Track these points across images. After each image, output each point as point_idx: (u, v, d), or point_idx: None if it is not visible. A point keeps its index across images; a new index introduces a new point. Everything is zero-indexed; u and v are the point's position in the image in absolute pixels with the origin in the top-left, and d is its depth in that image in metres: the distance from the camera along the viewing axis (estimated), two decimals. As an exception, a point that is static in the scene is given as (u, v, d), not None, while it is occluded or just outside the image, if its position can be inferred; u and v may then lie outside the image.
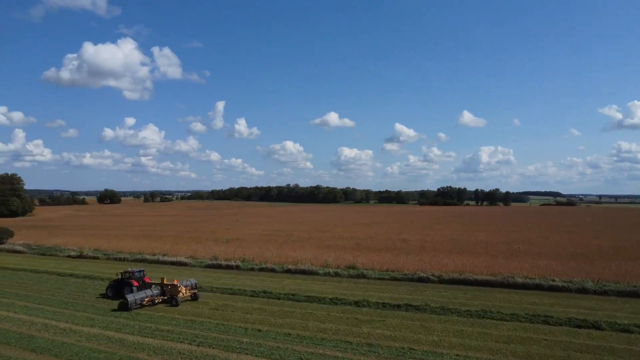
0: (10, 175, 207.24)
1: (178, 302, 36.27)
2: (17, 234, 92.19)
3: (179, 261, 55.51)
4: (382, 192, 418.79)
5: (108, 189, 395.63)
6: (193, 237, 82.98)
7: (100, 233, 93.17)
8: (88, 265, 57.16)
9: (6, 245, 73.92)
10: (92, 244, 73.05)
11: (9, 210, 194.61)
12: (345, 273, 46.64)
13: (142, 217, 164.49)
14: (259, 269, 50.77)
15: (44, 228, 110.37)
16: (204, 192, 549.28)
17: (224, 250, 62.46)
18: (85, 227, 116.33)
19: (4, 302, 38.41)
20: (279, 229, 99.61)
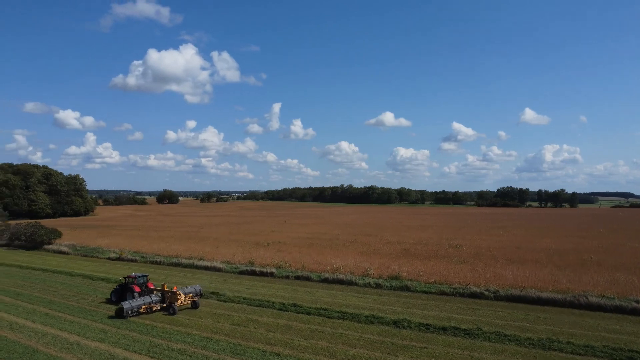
0: (73, 176, 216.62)
1: (175, 311, 34.19)
2: (68, 234, 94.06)
3: (214, 266, 52.82)
4: (439, 192, 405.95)
5: (167, 190, 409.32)
6: (235, 239, 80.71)
7: (146, 234, 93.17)
8: (123, 268, 55.65)
9: (53, 245, 74.68)
10: (134, 245, 72.35)
11: (72, 210, 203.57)
12: (387, 284, 41.84)
13: (193, 218, 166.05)
14: (294, 276, 46.97)
15: (95, 228, 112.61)
16: (258, 193, 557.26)
17: (262, 255, 59.30)
18: (137, 227, 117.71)
19: (28, 309, 36.89)
20: (324, 231, 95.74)
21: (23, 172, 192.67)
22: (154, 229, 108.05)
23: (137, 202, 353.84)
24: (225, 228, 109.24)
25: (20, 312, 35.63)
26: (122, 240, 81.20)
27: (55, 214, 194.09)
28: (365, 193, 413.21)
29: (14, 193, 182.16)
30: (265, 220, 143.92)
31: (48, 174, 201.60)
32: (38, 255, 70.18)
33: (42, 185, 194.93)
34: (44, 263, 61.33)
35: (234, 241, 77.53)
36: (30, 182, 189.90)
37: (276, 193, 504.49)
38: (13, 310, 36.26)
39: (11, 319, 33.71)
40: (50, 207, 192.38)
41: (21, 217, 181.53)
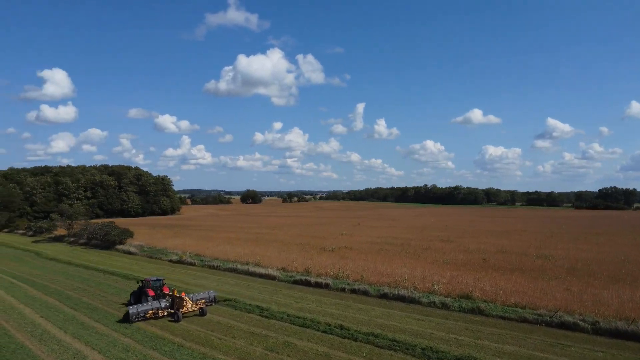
0: (162, 177, 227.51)
1: (179, 318, 33.41)
2: (143, 234, 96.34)
3: (268, 274, 49.24)
4: (531, 193, 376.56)
5: (250, 190, 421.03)
6: (301, 243, 77.13)
7: (216, 235, 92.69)
8: (179, 272, 54.04)
9: (124, 245, 75.88)
10: (200, 247, 71.32)
11: (160, 209, 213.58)
12: (456, 305, 35.39)
13: (270, 218, 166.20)
14: (350, 289, 41.89)
15: (172, 227, 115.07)
16: (339, 193, 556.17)
17: (322, 262, 54.87)
18: (212, 227, 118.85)
19: (68, 316, 35.47)
20: (397, 235, 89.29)
21: (117, 173, 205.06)
22: (226, 230, 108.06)
23: (222, 201, 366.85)
24: (297, 230, 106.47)
25: (59, 320, 34.13)
26: (191, 241, 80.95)
27: (144, 212, 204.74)
28: (450, 193, 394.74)
29: (108, 193, 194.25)
30: (339, 222, 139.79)
31: (139, 174, 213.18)
32: (108, 255, 71.43)
33: (134, 186, 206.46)
34: (108, 264, 61.70)
35: (299, 245, 73.96)
36: (123, 183, 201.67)
37: (358, 193, 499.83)
38: (53, 317, 34.95)
39: (46, 328, 32.18)
40: (140, 206, 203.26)
41: (114, 215, 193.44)
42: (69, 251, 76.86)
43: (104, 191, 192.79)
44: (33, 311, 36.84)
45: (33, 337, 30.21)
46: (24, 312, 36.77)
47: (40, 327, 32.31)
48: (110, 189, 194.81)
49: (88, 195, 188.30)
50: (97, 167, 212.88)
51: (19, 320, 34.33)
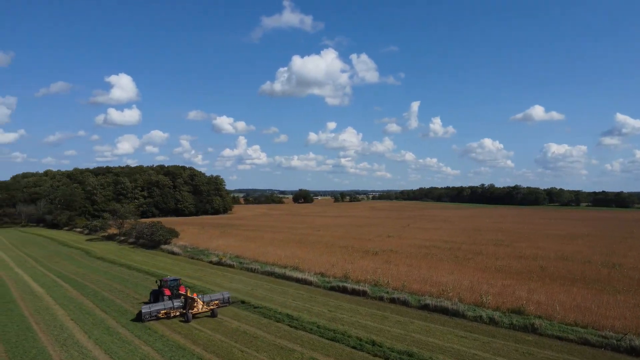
0: (214, 177, 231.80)
1: (189, 318, 33.72)
2: (190, 233, 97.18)
3: (305, 279, 47.03)
4: (598, 193, 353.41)
5: (302, 189, 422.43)
6: (344, 245, 74.53)
7: (261, 236, 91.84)
8: (216, 275, 53.00)
9: (169, 245, 76.33)
10: (242, 248, 70.39)
11: (212, 208, 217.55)
12: (506, 321, 31.58)
13: (319, 218, 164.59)
14: (389, 299, 38.87)
15: (220, 227, 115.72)
16: (392, 192, 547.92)
17: (363, 267, 52.09)
18: (259, 227, 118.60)
19: (98, 319, 34.95)
20: (447, 238, 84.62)
21: (172, 173, 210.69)
22: (273, 230, 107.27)
23: (275, 201, 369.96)
24: (343, 231, 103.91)
25: (87, 323, 33.51)
26: (235, 241, 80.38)
27: (197, 212, 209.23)
28: (509, 193, 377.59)
29: (163, 192, 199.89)
30: (387, 222, 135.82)
31: (193, 174, 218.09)
32: (152, 255, 71.99)
33: (187, 186, 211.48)
34: (150, 264, 61.88)
35: (342, 247, 71.41)
36: (177, 183, 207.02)
37: (411, 193, 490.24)
38: (82, 320, 34.42)
39: (72, 332, 31.59)
40: (193, 205, 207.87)
41: (169, 214, 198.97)
42: (117, 250, 78.34)
43: (160, 191, 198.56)
44: (65, 313, 36.56)
45: (57, 341, 29.56)
46: (56, 313, 36.56)
47: (67, 331, 31.74)
48: (165, 189, 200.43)
49: (144, 194, 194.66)
50: (154, 168, 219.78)
51: (50, 322, 34.02)
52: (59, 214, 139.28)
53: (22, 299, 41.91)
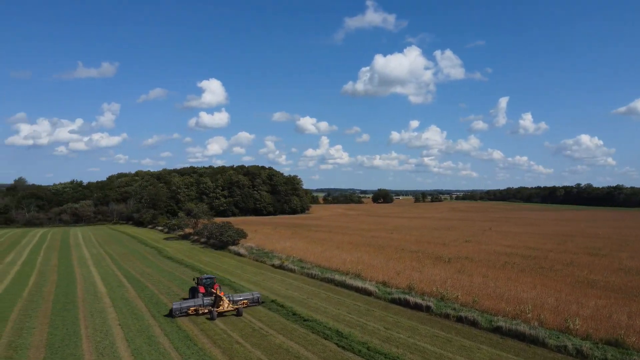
0: (292, 177, 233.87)
1: (214, 316, 35.17)
2: (261, 233, 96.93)
3: (365, 289, 43.35)
4: None
5: (382, 189, 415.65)
6: (415, 250, 69.60)
7: (330, 238, 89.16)
8: (274, 279, 50.89)
9: (236, 246, 76.00)
10: (308, 251, 68.07)
11: (290, 208, 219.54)
12: (598, 355, 25.75)
13: (395, 219, 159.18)
14: (455, 317, 34.14)
15: (292, 227, 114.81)
16: (477, 192, 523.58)
17: (431, 276, 47.36)
18: (331, 228, 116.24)
19: (143, 325, 33.79)
20: (533, 245, 76.22)
21: (251, 174, 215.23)
22: (344, 231, 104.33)
23: (354, 201, 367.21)
24: (417, 233, 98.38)
25: (133, 330, 32.51)
26: (303, 243, 78.39)
27: (275, 211, 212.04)
28: (609, 194, 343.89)
29: (243, 192, 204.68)
30: (467, 225, 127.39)
31: (271, 174, 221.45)
32: (220, 256, 71.91)
33: (266, 185, 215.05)
34: (214, 266, 61.47)
35: (413, 252, 66.61)
36: (256, 182, 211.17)
37: (498, 193, 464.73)
38: (130, 325, 33.53)
39: (115, 339, 30.63)
40: (271, 205, 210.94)
41: (248, 213, 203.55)
42: (187, 250, 79.52)
43: (240, 190, 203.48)
44: (116, 317, 36.02)
45: (96, 349, 28.62)
46: (108, 317, 36.14)
47: (110, 338, 30.84)
48: (245, 189, 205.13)
49: (225, 194, 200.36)
50: (234, 168, 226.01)
51: (98, 326, 33.47)
52: (145, 213, 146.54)
53: (83, 299, 42.39)
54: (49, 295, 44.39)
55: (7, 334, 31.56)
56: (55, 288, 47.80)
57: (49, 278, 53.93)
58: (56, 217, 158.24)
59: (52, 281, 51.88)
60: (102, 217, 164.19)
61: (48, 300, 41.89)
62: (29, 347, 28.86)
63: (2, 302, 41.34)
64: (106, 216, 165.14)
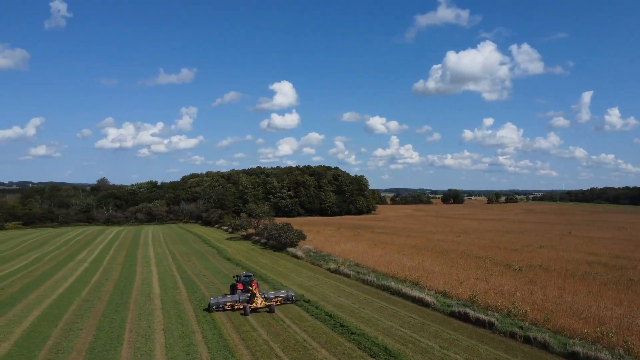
0: (358, 177, 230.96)
1: (247, 312, 36.69)
2: (322, 233, 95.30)
3: (422, 299, 39.96)
4: None
5: (452, 189, 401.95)
6: (483, 255, 64.58)
7: (393, 241, 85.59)
8: (327, 284, 48.66)
9: (294, 248, 74.69)
10: (367, 255, 65.33)
11: (356, 209, 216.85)
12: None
13: (465, 221, 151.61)
14: (522, 337, 30.02)
15: (355, 229, 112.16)
16: (557, 193, 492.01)
17: (499, 286, 43.01)
18: (396, 230, 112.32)
19: (186, 332, 32.89)
20: (620, 253, 67.85)
21: (317, 174, 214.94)
22: (408, 233, 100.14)
23: (422, 201, 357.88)
24: (487, 237, 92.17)
25: (175, 337, 31.57)
26: (362, 246, 75.70)
27: (341, 212, 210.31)
28: None
29: (308, 192, 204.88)
30: (544, 228, 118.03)
31: (337, 175, 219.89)
32: (277, 257, 70.93)
33: (332, 185, 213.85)
34: (269, 268, 60.44)
35: (480, 258, 61.79)
36: (322, 183, 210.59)
37: (580, 194, 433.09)
38: (173, 331, 32.71)
39: (154, 346, 29.85)
40: (337, 205, 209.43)
41: (313, 213, 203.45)
42: (247, 251, 79.44)
43: (305, 191, 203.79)
44: (162, 321, 35.45)
45: (134, 356, 27.85)
46: (154, 320, 35.64)
47: (150, 344, 30.08)
48: (310, 189, 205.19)
49: (291, 194, 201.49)
50: (300, 168, 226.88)
51: (142, 331, 32.91)
52: (212, 212, 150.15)
53: (135, 301, 42.53)
54: (105, 294, 45.10)
55: (54, 335, 31.76)
56: (113, 287, 48.66)
57: (110, 277, 55.29)
58: (132, 216, 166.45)
59: (112, 280, 53.06)
60: (174, 216, 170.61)
61: (103, 301, 42.42)
62: (70, 351, 28.65)
63: (61, 301, 42.41)
64: (177, 215, 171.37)
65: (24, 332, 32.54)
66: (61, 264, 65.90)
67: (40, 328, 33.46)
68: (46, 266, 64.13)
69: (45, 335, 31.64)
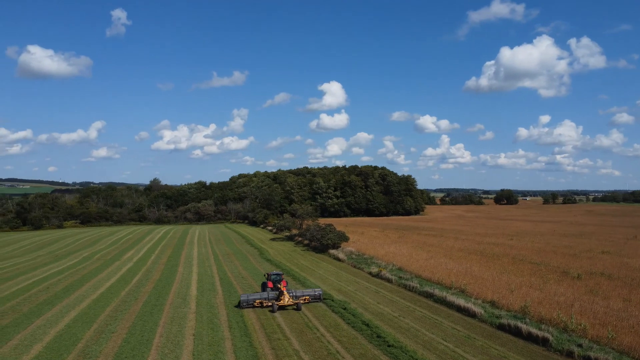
0: (405, 176, 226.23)
1: (275, 309, 37.77)
2: (368, 235, 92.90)
3: (467, 308, 36.98)
4: None
5: (505, 189, 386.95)
6: (537, 261, 60.14)
7: (440, 244, 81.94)
8: (367, 291, 46.35)
9: (336, 250, 72.75)
10: (411, 258, 62.51)
11: (403, 209, 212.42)
12: None
13: (518, 223, 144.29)
14: (582, 357, 26.74)
15: (401, 230, 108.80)
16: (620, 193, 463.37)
17: (554, 296, 39.33)
18: (443, 232, 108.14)
19: (215, 339, 31.74)
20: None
21: (364, 174, 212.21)
22: (457, 236, 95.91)
23: (473, 201, 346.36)
24: (542, 241, 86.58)
25: (205, 343, 30.46)
26: (407, 249, 72.75)
27: (388, 212, 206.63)
28: None
29: (355, 192, 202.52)
30: (606, 232, 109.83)
31: (384, 174, 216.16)
32: (318, 260, 69.22)
33: (379, 186, 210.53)
34: (309, 271, 58.80)
35: (534, 264, 57.54)
36: (369, 183, 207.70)
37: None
38: (202, 337, 31.60)
39: (181, 354, 28.84)
40: (384, 206, 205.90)
41: (360, 214, 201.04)
42: (288, 252, 78.31)
43: (352, 191, 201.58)
44: (193, 325, 34.47)
45: (158, 364, 26.97)
46: (186, 325, 34.65)
47: (178, 350, 29.09)
48: (357, 189, 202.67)
49: (337, 194, 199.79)
50: (347, 168, 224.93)
51: (172, 336, 31.96)
52: (258, 212, 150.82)
53: (171, 303, 42.00)
54: (143, 296, 44.92)
55: (86, 338, 31.41)
56: (152, 288, 48.52)
57: (151, 277, 55.47)
58: (181, 216, 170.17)
59: (152, 280, 53.13)
60: (221, 216, 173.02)
61: (140, 302, 42.17)
62: (98, 356, 28.07)
63: (100, 301, 42.52)
64: (225, 215, 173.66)
65: (58, 333, 32.42)
66: (108, 263, 67.17)
67: (74, 330, 33.30)
68: (93, 265, 65.52)
69: (77, 338, 31.36)
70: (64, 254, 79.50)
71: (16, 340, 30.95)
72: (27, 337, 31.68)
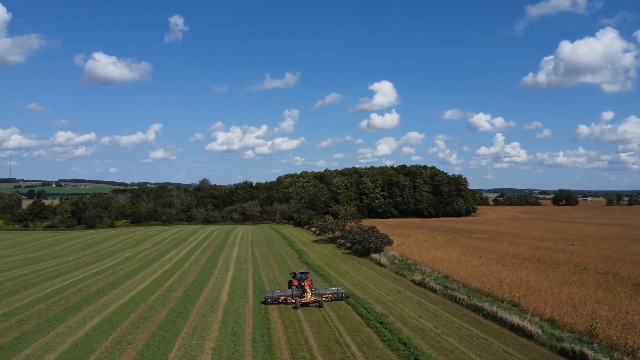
0: (456, 176, 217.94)
1: (297, 306, 38.79)
2: (414, 238, 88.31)
3: (522, 327, 32.19)
4: None
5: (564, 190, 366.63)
6: (604, 270, 53.69)
7: (492, 248, 76.03)
8: (409, 302, 42.19)
9: (379, 254, 68.69)
10: (459, 265, 57.61)
11: (453, 210, 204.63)
12: None
13: (577, 225, 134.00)
14: (667, 397, 21.81)
15: (450, 232, 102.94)
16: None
17: (627, 314, 33.84)
18: (497, 235, 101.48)
19: (237, 353, 29.02)
20: None
21: (412, 174, 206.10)
22: (511, 239, 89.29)
23: (529, 202, 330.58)
24: (608, 246, 78.73)
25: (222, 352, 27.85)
26: (456, 254, 67.70)
27: (437, 213, 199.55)
28: None
29: (403, 193, 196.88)
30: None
31: (434, 174, 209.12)
32: (359, 264, 65.52)
33: (428, 186, 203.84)
34: (347, 278, 55.25)
35: (600, 274, 51.30)
36: (417, 183, 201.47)
37: None
38: (222, 352, 28.96)
39: (200, 369, 26.24)
40: (433, 206, 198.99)
41: (408, 215, 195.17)
42: (329, 255, 75.11)
43: (400, 191, 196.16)
44: (215, 338, 31.75)
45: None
46: (208, 337, 32.07)
47: (193, 366, 26.59)
48: (405, 189, 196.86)
49: (385, 194, 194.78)
50: (394, 168, 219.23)
51: (191, 349, 29.43)
52: (303, 213, 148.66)
53: (198, 310, 39.74)
54: (171, 301, 42.99)
55: (101, 349, 29.41)
56: (182, 293, 46.63)
57: (185, 280, 53.84)
58: (228, 216, 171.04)
59: (185, 284, 51.38)
60: (267, 216, 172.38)
61: (166, 308, 40.19)
62: (107, 371, 25.97)
63: (127, 306, 40.94)
64: (270, 215, 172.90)
65: (74, 343, 30.65)
66: (146, 265, 66.55)
67: (91, 339, 31.49)
68: (132, 266, 65.01)
69: (91, 349, 29.41)
70: (107, 254, 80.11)
71: (30, 349, 29.37)
72: (43, 346, 30.09)
